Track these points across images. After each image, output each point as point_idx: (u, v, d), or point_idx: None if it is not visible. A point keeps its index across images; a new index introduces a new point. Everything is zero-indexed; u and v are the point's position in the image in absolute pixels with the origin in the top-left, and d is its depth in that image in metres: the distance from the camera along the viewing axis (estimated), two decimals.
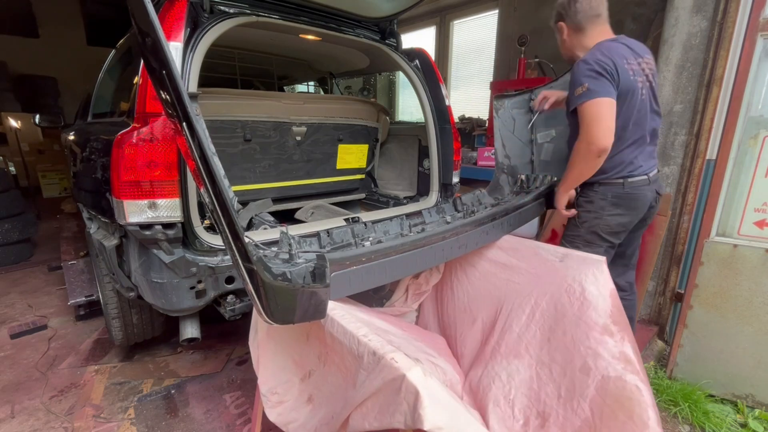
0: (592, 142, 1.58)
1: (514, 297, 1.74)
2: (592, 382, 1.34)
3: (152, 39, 0.83)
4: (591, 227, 1.81)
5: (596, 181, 1.77)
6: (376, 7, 2.27)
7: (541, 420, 1.39)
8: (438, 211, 1.93)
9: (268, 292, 0.95)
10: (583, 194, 1.83)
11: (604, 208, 1.77)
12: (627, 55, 1.64)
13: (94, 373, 2.25)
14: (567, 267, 1.62)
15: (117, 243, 1.77)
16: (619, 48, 1.65)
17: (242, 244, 0.90)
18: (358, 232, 1.52)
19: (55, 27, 7.57)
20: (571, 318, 1.50)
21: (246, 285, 0.97)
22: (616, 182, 1.75)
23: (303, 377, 1.40)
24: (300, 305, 1.03)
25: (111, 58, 2.74)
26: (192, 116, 0.86)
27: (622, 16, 3.77)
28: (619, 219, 1.79)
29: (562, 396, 1.40)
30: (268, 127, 2.36)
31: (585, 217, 1.82)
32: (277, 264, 1.16)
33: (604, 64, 1.57)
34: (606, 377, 1.32)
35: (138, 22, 0.86)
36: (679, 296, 2.38)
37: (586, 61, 1.60)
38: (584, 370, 1.38)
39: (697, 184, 2.29)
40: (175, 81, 0.84)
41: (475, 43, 5.78)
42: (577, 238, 1.86)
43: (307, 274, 1.15)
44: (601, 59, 1.58)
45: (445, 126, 2.47)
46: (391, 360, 0.95)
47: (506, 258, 1.86)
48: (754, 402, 2.01)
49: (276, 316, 1.00)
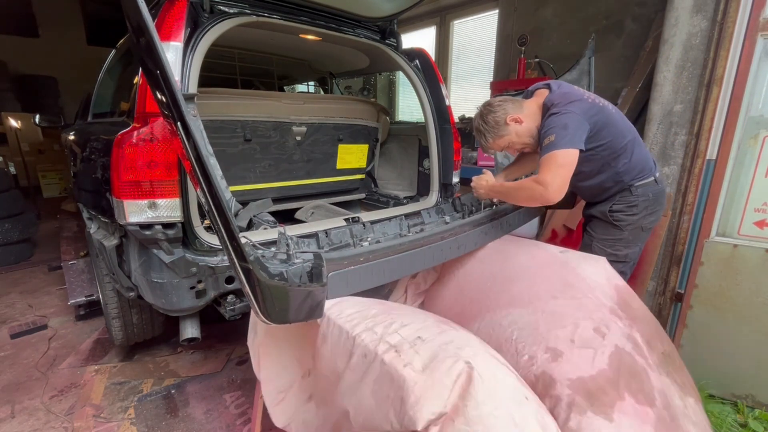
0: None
1: (517, 298, 1.65)
2: (609, 344, 1.23)
3: (146, 39, 0.82)
4: (635, 227, 1.82)
5: (631, 185, 1.78)
6: (376, 7, 2.26)
7: (552, 355, 1.24)
8: (437, 212, 1.93)
9: (264, 291, 0.95)
10: (623, 201, 1.81)
11: (648, 207, 1.80)
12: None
13: (94, 373, 2.25)
14: (568, 258, 1.61)
15: (117, 243, 1.77)
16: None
17: (238, 244, 0.90)
18: (356, 233, 1.52)
19: (55, 27, 7.56)
20: (579, 290, 1.41)
21: (242, 284, 0.97)
22: (650, 181, 1.79)
23: (304, 375, 1.40)
24: (296, 304, 1.03)
25: (111, 58, 2.74)
26: (187, 117, 0.86)
27: (622, 16, 3.76)
28: (655, 216, 1.84)
29: (576, 342, 1.25)
30: (269, 127, 2.36)
31: (629, 220, 1.81)
32: (275, 264, 1.15)
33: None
34: (620, 348, 1.22)
35: (132, 22, 0.86)
36: (679, 296, 2.38)
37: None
38: (599, 332, 1.27)
39: (697, 184, 2.29)
40: (169, 81, 0.84)
41: (475, 43, 5.77)
42: (618, 241, 1.84)
43: (304, 273, 1.14)
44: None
45: (445, 126, 2.47)
46: (381, 361, 0.95)
47: (507, 257, 1.86)
48: (754, 402, 2.01)
49: (272, 316, 1.00)
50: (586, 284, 1.44)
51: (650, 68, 2.89)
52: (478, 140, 1.86)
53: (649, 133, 2.44)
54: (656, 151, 2.43)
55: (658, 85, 2.39)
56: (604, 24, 3.90)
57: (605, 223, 1.86)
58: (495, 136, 1.77)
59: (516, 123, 1.74)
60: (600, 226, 1.89)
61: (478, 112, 1.83)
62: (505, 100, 1.79)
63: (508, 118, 1.73)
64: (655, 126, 2.42)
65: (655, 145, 2.43)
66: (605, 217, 1.84)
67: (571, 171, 1.54)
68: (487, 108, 1.79)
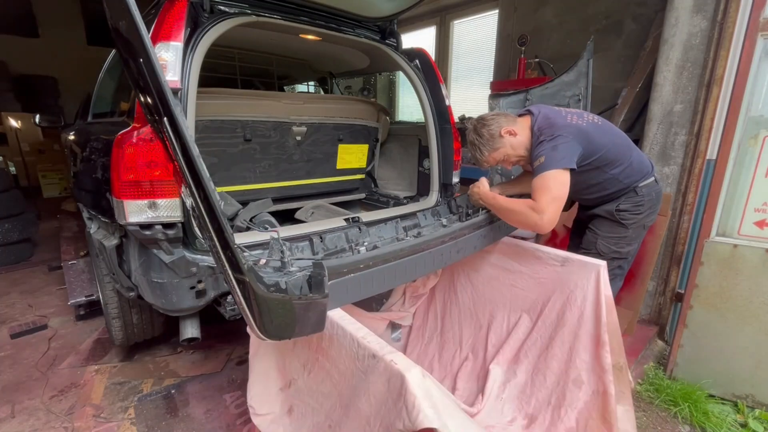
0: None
1: (519, 303, 1.79)
2: (583, 396, 1.43)
3: (127, 22, 0.71)
4: (638, 226, 1.86)
5: (635, 186, 1.81)
6: (377, 7, 2.26)
7: (528, 421, 1.48)
8: (433, 214, 1.91)
9: (261, 305, 0.86)
10: (630, 201, 1.83)
11: (652, 206, 1.85)
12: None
13: (94, 372, 2.25)
14: (569, 272, 1.64)
15: (117, 243, 1.77)
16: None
17: (232, 253, 0.82)
18: (352, 237, 1.49)
19: (55, 27, 7.56)
20: (570, 328, 1.56)
21: (236, 298, 0.89)
22: (651, 181, 1.84)
23: (283, 387, 1.37)
24: (297, 318, 0.94)
25: (111, 58, 2.74)
26: (175, 110, 0.76)
27: (622, 16, 3.76)
28: (654, 215, 1.90)
29: (552, 403, 1.49)
30: (268, 127, 2.36)
31: (634, 219, 1.84)
32: (268, 273, 1.07)
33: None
34: (596, 392, 1.40)
35: (110, 5, 0.76)
36: (679, 296, 2.38)
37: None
38: (577, 383, 1.46)
39: (697, 184, 2.29)
40: (154, 70, 0.74)
41: (475, 43, 5.77)
42: (623, 239, 1.87)
43: (304, 283, 1.05)
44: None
45: (445, 126, 2.47)
46: (390, 362, 0.94)
47: (509, 262, 1.88)
48: (754, 402, 2.01)
49: (270, 332, 0.92)
50: (580, 313, 1.57)
51: (650, 68, 2.89)
52: (472, 155, 1.87)
53: (649, 133, 2.45)
54: (656, 151, 2.43)
55: (658, 85, 2.39)
56: (604, 24, 3.90)
57: (611, 221, 1.88)
58: (490, 149, 1.78)
59: (510, 135, 1.75)
60: (605, 225, 1.91)
61: (470, 127, 1.84)
62: (498, 114, 1.81)
63: (502, 130, 1.74)
64: (655, 126, 2.42)
65: (655, 145, 2.43)
66: (612, 216, 1.86)
67: (564, 199, 1.56)
68: (481, 122, 1.80)
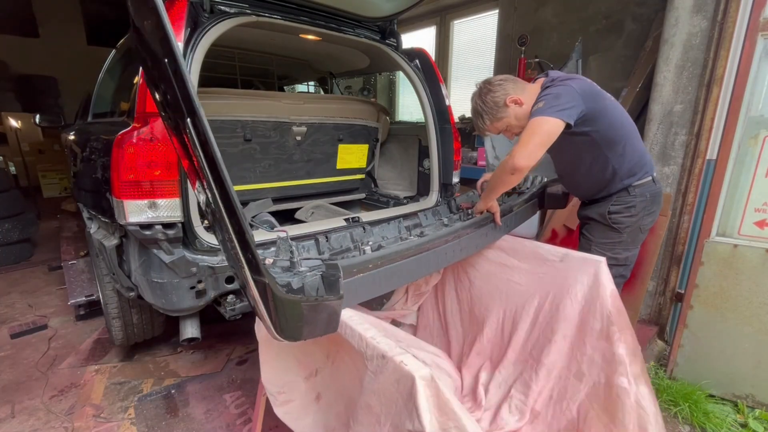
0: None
1: (517, 299, 1.77)
2: (584, 388, 1.45)
3: (153, 23, 0.70)
4: (634, 229, 1.78)
5: (629, 185, 1.73)
6: (376, 7, 2.26)
7: (532, 416, 1.51)
8: (433, 214, 1.92)
9: (279, 307, 0.86)
10: (621, 202, 1.76)
11: (646, 208, 1.76)
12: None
13: (94, 372, 2.25)
14: (568, 267, 1.63)
15: (117, 243, 1.77)
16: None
17: (253, 255, 0.80)
18: (356, 237, 1.50)
19: (55, 27, 7.57)
20: (571, 321, 1.55)
21: (254, 301, 0.88)
22: (647, 181, 1.75)
23: (308, 376, 1.40)
24: (313, 319, 0.96)
25: (111, 58, 2.74)
26: (199, 111, 0.76)
27: (622, 16, 3.76)
28: (652, 216, 1.80)
29: (554, 398, 1.51)
30: (269, 127, 2.36)
31: (627, 222, 1.76)
32: (277, 273, 1.08)
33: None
34: (597, 383, 1.42)
35: (135, 4, 0.75)
36: (680, 296, 2.38)
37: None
38: (578, 376, 1.48)
39: (698, 184, 2.28)
40: (180, 71, 0.73)
41: (475, 43, 5.77)
42: (618, 244, 1.80)
43: (320, 284, 1.06)
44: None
45: (445, 126, 2.47)
46: (401, 363, 0.94)
47: (507, 258, 1.86)
48: (754, 402, 2.01)
49: (286, 333, 0.93)
50: (580, 307, 1.56)
51: (650, 68, 2.89)
52: (474, 121, 1.76)
53: (649, 133, 2.44)
54: (656, 151, 2.43)
55: (658, 85, 2.39)
56: (604, 24, 3.90)
57: (603, 226, 1.81)
58: (493, 119, 1.67)
59: (516, 105, 1.64)
60: (598, 230, 1.84)
61: (476, 90, 1.71)
62: (506, 79, 1.67)
63: (507, 99, 1.63)
64: (655, 126, 2.42)
65: (655, 145, 2.43)
66: (603, 220, 1.79)
67: (547, 141, 1.46)
68: (487, 87, 1.67)
